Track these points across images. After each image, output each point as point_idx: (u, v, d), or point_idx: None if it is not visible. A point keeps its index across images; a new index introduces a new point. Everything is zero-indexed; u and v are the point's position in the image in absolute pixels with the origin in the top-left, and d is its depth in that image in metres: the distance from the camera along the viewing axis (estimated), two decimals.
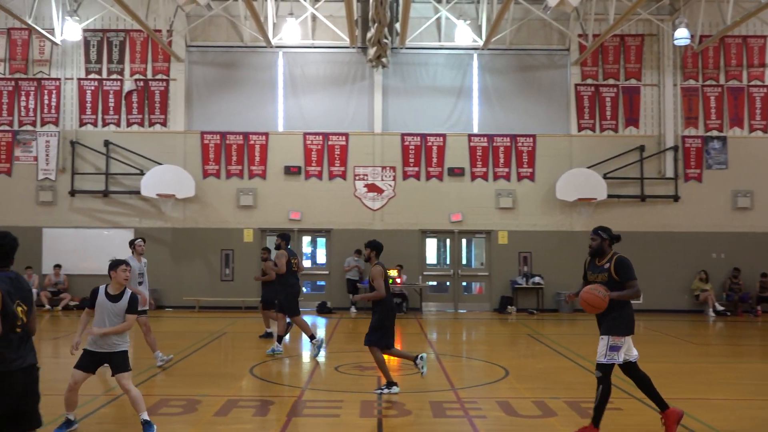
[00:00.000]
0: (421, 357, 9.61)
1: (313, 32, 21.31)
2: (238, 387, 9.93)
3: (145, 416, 7.36)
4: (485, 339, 16.48)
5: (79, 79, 21.11)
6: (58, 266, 20.30)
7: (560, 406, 8.67)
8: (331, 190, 21.02)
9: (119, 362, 7.52)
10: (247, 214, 20.94)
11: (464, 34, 20.65)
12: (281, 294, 12.58)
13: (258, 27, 19.19)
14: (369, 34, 18.58)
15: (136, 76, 21.13)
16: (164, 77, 21.13)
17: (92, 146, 20.89)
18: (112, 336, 7.41)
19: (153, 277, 20.28)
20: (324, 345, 12.53)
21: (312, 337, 12.47)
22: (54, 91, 21.08)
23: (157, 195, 20.11)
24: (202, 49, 21.47)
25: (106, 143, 20.88)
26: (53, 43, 20.47)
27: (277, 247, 12.73)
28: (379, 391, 9.26)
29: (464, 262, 21.77)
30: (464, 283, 21.64)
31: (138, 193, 20.37)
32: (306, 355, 13.53)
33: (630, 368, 7.14)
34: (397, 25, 20.11)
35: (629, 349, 7.06)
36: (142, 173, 20.45)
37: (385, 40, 18.51)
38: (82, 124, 21.08)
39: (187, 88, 21.32)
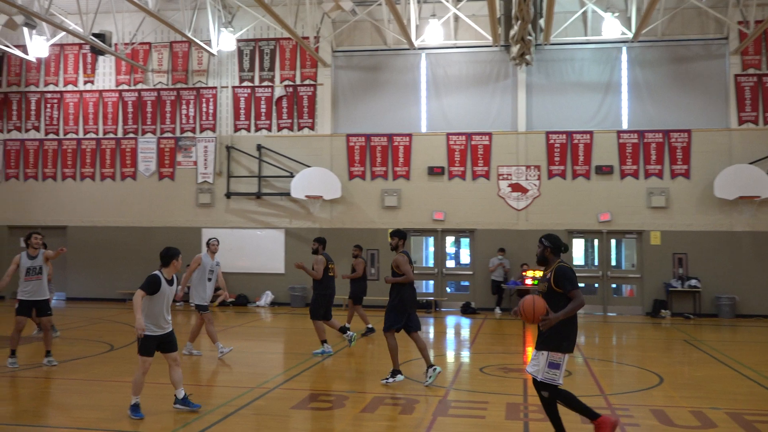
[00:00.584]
0: (434, 369, 9.82)
1: (456, 32, 21.29)
2: (384, 384, 10.07)
3: (183, 392, 8.26)
4: (637, 343, 15.78)
5: (234, 87, 22.24)
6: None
7: (721, 417, 8.16)
8: (474, 190, 20.91)
9: (174, 341, 8.22)
10: (391, 214, 21.24)
11: (612, 27, 19.88)
12: (315, 297, 12.66)
13: (401, 29, 19.42)
14: (512, 32, 18.31)
15: (286, 82, 21.97)
16: (312, 82, 21.84)
17: (246, 150, 21.94)
18: (169, 317, 8.16)
19: (302, 276, 21.08)
20: (327, 353, 12.34)
21: (324, 341, 12.42)
22: (211, 99, 22.33)
23: (306, 196, 20.81)
24: (347, 53, 22.00)
25: (259, 147, 21.86)
26: (210, 53, 21.69)
27: (315, 252, 12.71)
28: (385, 381, 9.78)
29: (613, 263, 20.96)
30: (614, 285, 20.83)
31: (288, 194, 21.17)
32: (450, 356, 13.53)
33: (540, 386, 6.82)
34: (541, 21, 19.69)
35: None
36: (291, 176, 21.23)
37: (529, 37, 18.16)
38: (236, 129, 22.19)
39: (334, 92, 21.92)
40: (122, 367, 11.11)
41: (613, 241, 20.85)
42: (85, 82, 23.02)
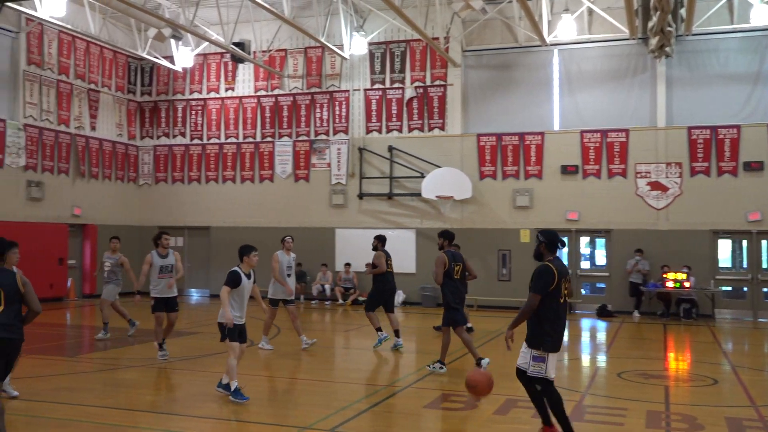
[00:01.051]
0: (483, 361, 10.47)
1: (590, 26, 20.66)
2: (517, 387, 9.90)
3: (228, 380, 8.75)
4: None
5: (366, 90, 22.63)
6: (348, 264, 21.89)
7: None
8: (610, 189, 20.21)
9: (246, 333, 8.96)
10: (523, 214, 20.91)
11: (762, 14, 18.61)
12: (373, 290, 13.17)
13: (533, 26, 19.08)
14: (650, 24, 17.55)
15: (416, 84, 22.11)
16: (442, 83, 21.86)
17: (377, 152, 22.27)
18: (245, 310, 8.88)
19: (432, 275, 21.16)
20: (382, 341, 12.82)
21: (379, 329, 12.86)
22: (344, 102, 22.84)
23: (437, 197, 20.85)
24: (477, 52, 21.86)
25: (390, 148, 22.13)
26: (342, 57, 22.19)
27: (375, 249, 13.18)
28: (480, 365, 10.25)
29: (765, 265, 19.59)
30: (765, 290, 19.48)
31: (419, 195, 21.30)
32: (586, 360, 13.17)
33: (524, 377, 6.95)
34: (682, 11, 18.74)
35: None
36: (422, 176, 21.33)
37: (669, 28, 17.34)
38: (368, 131, 22.57)
39: (464, 92, 21.83)
40: (260, 362, 11.55)
41: (764, 242, 19.50)
42: (226, 89, 24.15)
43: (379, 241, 13.29)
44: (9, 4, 16.62)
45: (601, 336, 16.30)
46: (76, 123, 22.40)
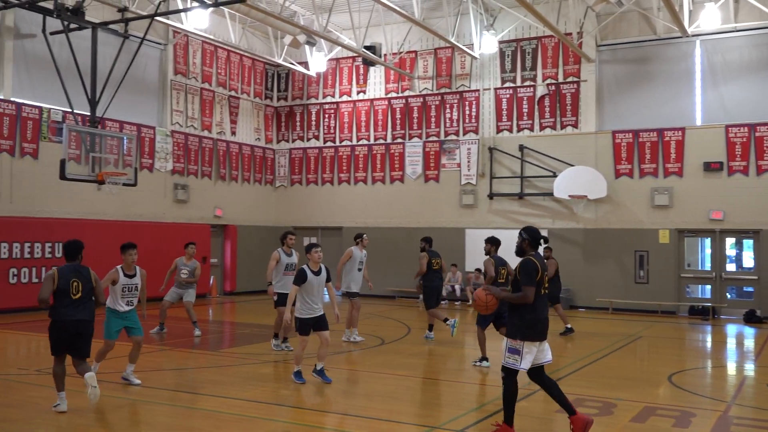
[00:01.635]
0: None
1: (736, 14, 19.47)
2: (655, 394, 9.52)
3: (321, 366, 9.59)
4: None
5: (496, 89, 22.41)
6: (478, 270, 21.59)
7: None
8: (758, 187, 18.96)
9: (324, 322, 9.51)
10: (662, 214, 20.01)
11: None
12: (423, 289, 13.77)
13: (672, 17, 18.20)
14: None
15: (548, 81, 21.65)
16: (575, 79, 21.29)
17: (508, 151, 21.99)
18: (319, 303, 9.45)
19: (565, 276, 20.64)
20: (454, 327, 13.01)
21: (446, 319, 13.27)
22: (474, 102, 22.72)
23: (569, 196, 20.33)
24: (611, 47, 21.13)
25: (521, 148, 21.79)
26: (472, 57, 22.09)
27: (422, 250, 13.77)
28: (474, 363, 11.20)
29: None
30: None
31: (551, 194, 20.84)
32: (732, 368, 12.45)
33: (535, 373, 7.12)
34: None
35: (540, 353, 7.04)
36: (554, 175, 20.87)
37: None
38: (498, 130, 22.33)
39: (598, 88, 21.16)
40: (394, 360, 11.70)
41: None
42: (358, 92, 24.63)
43: (426, 242, 13.89)
44: (158, 18, 17.70)
45: (749, 343, 15.34)
46: (218, 128, 23.58)
